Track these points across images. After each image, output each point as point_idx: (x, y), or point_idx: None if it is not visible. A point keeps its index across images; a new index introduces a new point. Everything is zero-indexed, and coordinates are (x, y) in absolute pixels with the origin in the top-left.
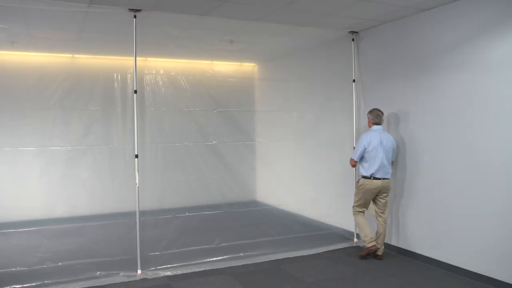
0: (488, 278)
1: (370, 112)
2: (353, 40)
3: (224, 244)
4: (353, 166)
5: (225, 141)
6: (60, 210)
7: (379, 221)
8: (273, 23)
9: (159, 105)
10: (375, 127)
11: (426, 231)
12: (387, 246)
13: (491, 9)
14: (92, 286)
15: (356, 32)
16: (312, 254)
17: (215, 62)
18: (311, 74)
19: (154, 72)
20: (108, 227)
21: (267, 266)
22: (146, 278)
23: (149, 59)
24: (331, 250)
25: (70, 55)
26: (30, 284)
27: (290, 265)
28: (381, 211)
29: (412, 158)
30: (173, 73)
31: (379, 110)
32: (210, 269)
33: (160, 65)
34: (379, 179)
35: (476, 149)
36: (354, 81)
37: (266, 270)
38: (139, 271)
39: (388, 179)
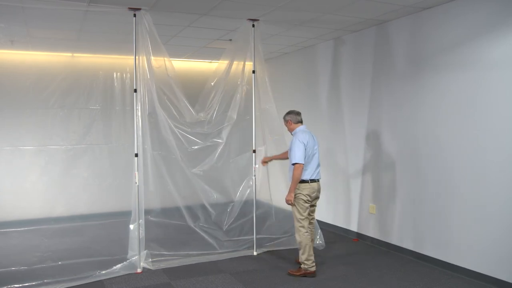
0: (489, 277)
1: (288, 113)
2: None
3: (223, 243)
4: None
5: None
6: (60, 209)
7: (309, 228)
8: (270, 24)
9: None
10: (301, 127)
11: (426, 230)
12: (387, 245)
13: (492, 8)
14: (92, 285)
15: (257, 19)
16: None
17: (214, 62)
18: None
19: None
20: (108, 226)
21: (266, 265)
22: (146, 277)
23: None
24: (330, 250)
25: (69, 54)
26: (30, 283)
27: (290, 264)
28: (312, 217)
29: (413, 157)
30: (172, 73)
31: (295, 110)
32: (210, 268)
33: (159, 65)
34: (316, 181)
35: (477, 149)
36: (253, 72)
37: (265, 269)
38: (139, 270)
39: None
